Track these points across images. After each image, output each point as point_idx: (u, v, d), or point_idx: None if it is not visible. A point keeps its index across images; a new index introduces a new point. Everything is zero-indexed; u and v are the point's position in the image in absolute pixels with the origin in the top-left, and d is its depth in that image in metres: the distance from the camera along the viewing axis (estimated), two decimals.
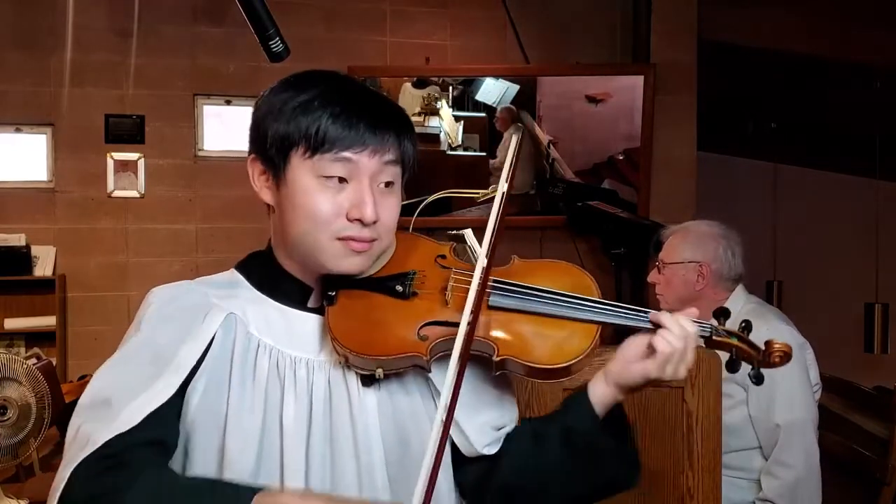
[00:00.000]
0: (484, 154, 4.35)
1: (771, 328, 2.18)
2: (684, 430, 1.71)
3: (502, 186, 1.09)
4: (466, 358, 0.98)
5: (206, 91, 4.15)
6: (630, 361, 1.07)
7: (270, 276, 1.11)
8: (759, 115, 5.26)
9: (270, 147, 1.04)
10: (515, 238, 4.20)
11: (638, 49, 4.46)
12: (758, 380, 1.07)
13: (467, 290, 1.03)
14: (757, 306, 2.32)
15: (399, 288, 1.07)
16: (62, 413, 2.45)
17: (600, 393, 1.08)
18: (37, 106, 3.99)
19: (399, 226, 1.12)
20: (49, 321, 3.94)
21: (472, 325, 1.00)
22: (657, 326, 1.06)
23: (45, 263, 3.97)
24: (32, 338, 3.95)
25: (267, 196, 1.08)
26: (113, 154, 4.08)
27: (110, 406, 0.96)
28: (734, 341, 1.08)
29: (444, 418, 0.93)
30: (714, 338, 1.09)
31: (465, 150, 4.35)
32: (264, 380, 1.03)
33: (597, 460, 1.07)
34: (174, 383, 0.99)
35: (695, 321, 1.08)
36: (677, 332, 1.04)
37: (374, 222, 1.03)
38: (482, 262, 1.04)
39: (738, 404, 2.17)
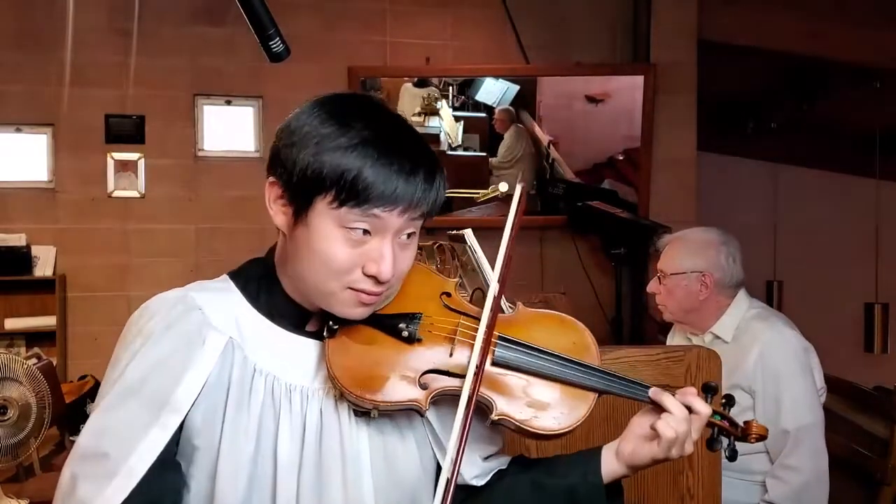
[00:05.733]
0: (484, 154, 4.35)
1: (775, 332, 2.18)
2: None
3: (503, 251, 1.11)
4: (470, 418, 0.98)
5: (206, 91, 4.15)
6: (640, 441, 1.07)
7: (270, 294, 1.08)
8: (759, 115, 5.26)
9: (296, 181, 0.99)
10: (516, 238, 4.20)
11: (638, 49, 4.46)
12: (732, 455, 1.10)
13: (473, 341, 1.03)
14: (762, 311, 2.30)
15: (405, 333, 1.04)
16: (62, 413, 2.45)
17: (611, 469, 1.09)
18: (37, 106, 3.99)
19: None
20: (49, 321, 3.94)
21: (475, 388, 1.00)
22: (657, 404, 1.07)
23: (45, 263, 3.97)
24: (32, 338, 3.96)
25: (281, 222, 1.03)
26: (113, 154, 4.09)
27: (108, 459, 0.95)
28: (716, 420, 1.10)
29: (448, 477, 0.93)
30: None
31: (465, 150, 4.35)
32: (259, 406, 1.01)
33: None
34: (174, 423, 0.97)
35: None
36: (680, 416, 1.05)
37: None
38: (484, 321, 1.03)
39: (744, 411, 2.15)
